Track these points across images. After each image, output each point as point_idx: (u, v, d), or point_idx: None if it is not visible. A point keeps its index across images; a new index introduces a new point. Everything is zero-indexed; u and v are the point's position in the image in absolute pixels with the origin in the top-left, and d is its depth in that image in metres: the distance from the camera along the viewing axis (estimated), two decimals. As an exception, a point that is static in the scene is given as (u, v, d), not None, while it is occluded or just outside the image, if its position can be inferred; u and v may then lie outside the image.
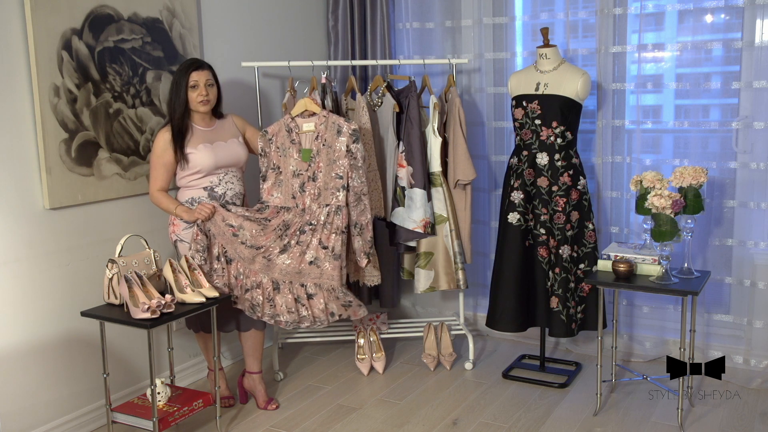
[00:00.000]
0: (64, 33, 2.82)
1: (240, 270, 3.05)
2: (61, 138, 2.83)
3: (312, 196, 3.12)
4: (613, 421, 3.00)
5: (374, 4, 4.05)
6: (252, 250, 3.02)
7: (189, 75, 2.96)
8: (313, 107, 3.17)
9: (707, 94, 3.46)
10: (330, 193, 3.10)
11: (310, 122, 3.18)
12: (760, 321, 3.36)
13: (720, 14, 3.39)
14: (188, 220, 2.99)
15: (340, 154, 3.11)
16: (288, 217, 3.10)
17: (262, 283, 3.04)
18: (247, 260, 3.03)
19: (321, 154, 3.13)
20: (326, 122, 3.14)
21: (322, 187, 3.12)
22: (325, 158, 3.13)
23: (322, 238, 3.06)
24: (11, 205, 2.71)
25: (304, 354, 3.93)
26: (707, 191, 3.18)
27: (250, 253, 3.02)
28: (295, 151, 3.16)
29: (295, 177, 3.15)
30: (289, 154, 3.16)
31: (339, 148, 3.11)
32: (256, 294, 3.05)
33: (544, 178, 3.32)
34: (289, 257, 3.04)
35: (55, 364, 2.90)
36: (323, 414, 3.16)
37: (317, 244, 3.06)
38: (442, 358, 3.66)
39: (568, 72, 3.29)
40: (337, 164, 3.11)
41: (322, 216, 3.08)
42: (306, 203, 3.12)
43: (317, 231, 3.07)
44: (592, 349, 3.73)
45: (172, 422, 2.75)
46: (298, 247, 3.06)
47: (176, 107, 2.97)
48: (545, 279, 3.37)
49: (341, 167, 3.11)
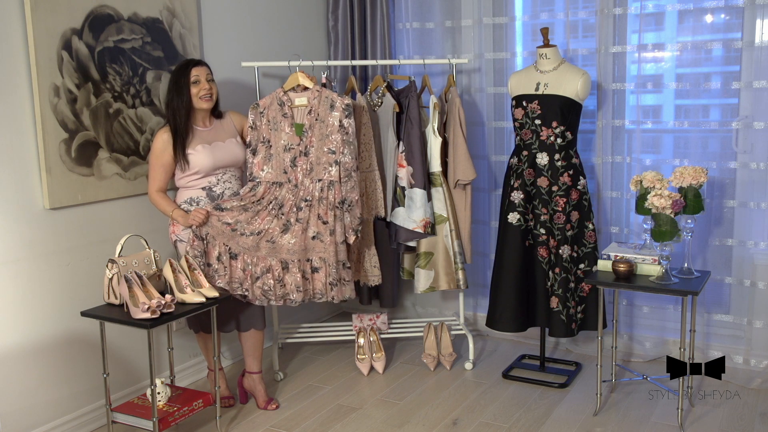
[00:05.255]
0: (64, 33, 2.82)
1: (247, 261, 3.04)
2: (61, 138, 2.83)
3: (304, 171, 3.11)
4: (613, 421, 3.01)
5: (374, 4, 4.05)
6: (254, 237, 3.02)
7: (189, 71, 2.95)
8: (306, 81, 3.15)
9: (707, 94, 3.46)
10: (322, 168, 3.10)
11: (302, 96, 3.16)
12: (760, 321, 3.36)
13: (720, 14, 3.39)
14: (183, 224, 2.99)
15: (332, 129, 3.10)
16: (280, 194, 3.09)
17: (271, 266, 3.04)
18: (252, 249, 3.02)
19: (314, 128, 3.12)
20: (319, 96, 3.13)
21: (314, 161, 3.11)
22: (318, 133, 3.11)
23: (320, 212, 3.08)
24: (11, 205, 2.71)
25: (304, 354, 3.93)
26: (707, 191, 3.18)
27: (252, 241, 3.02)
28: (287, 125, 3.14)
29: (287, 151, 3.13)
30: (281, 128, 3.14)
31: (332, 122, 3.10)
32: (266, 279, 3.05)
33: (544, 178, 3.32)
34: (293, 236, 3.04)
35: (55, 364, 2.90)
36: (323, 414, 3.16)
37: (317, 219, 3.08)
38: (442, 358, 3.66)
39: (568, 72, 3.29)
40: (329, 139, 3.11)
41: (317, 191, 3.09)
42: (299, 178, 3.11)
43: (314, 206, 3.08)
44: (592, 349, 3.73)
45: (172, 422, 2.75)
46: (299, 224, 3.06)
47: (178, 107, 2.95)
48: (545, 279, 3.37)
49: (333, 142, 3.10)
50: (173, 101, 2.96)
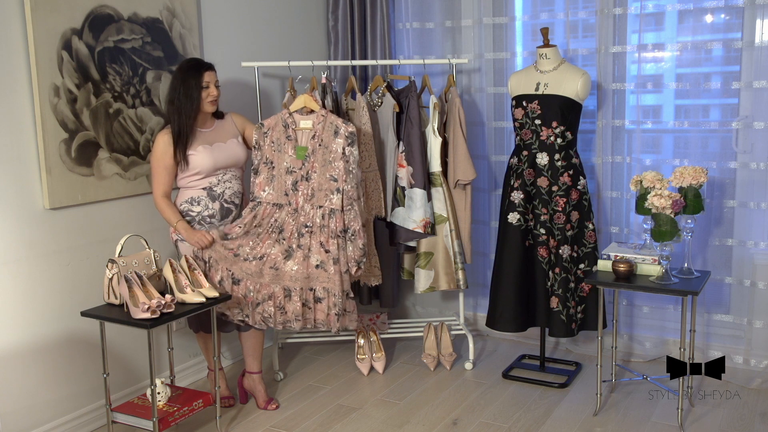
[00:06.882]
0: (64, 33, 2.82)
1: (249, 287, 3.01)
2: (61, 138, 2.83)
3: (305, 196, 3.07)
4: (613, 421, 3.01)
5: (374, 4, 4.05)
6: (256, 262, 2.99)
7: (202, 75, 2.93)
8: (312, 104, 3.13)
9: (707, 94, 3.46)
10: (324, 194, 3.05)
11: (308, 120, 3.12)
12: (760, 321, 3.36)
13: (720, 14, 3.39)
14: (186, 239, 2.97)
15: (335, 156, 3.05)
16: (280, 216, 3.07)
17: (274, 293, 3.00)
18: (255, 275, 2.99)
19: (316, 153, 3.08)
20: (324, 122, 3.09)
21: (316, 188, 3.06)
22: (321, 159, 3.07)
23: (322, 240, 3.03)
24: (11, 205, 2.71)
25: (304, 354, 3.93)
26: (707, 191, 3.18)
27: (255, 267, 2.99)
28: (290, 147, 3.11)
29: (288, 174, 3.10)
30: (284, 150, 3.11)
31: (335, 149, 3.05)
32: (267, 306, 3.02)
33: (544, 178, 3.32)
34: (295, 263, 2.99)
35: (55, 364, 2.90)
36: (323, 414, 3.16)
37: (319, 247, 3.02)
38: (442, 358, 3.66)
39: (568, 72, 3.29)
40: (332, 166, 3.06)
41: (318, 218, 3.04)
42: (299, 203, 3.07)
43: (315, 233, 3.03)
44: (592, 349, 3.73)
45: (172, 422, 2.75)
46: (301, 251, 3.01)
47: (186, 108, 2.92)
48: (545, 279, 3.37)
49: (336, 169, 3.05)
50: (179, 101, 2.92)
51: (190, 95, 2.92)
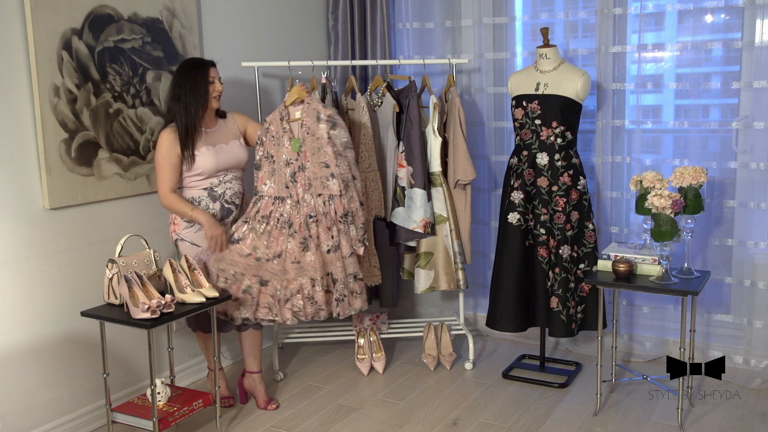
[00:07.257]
0: (64, 33, 2.82)
1: (277, 287, 3.03)
2: (61, 138, 2.83)
3: (304, 187, 3.08)
4: (613, 421, 3.01)
5: (374, 4, 4.05)
6: (278, 261, 3.01)
7: (208, 71, 2.94)
8: (303, 94, 3.12)
9: (707, 94, 3.46)
10: (320, 182, 3.05)
11: (298, 110, 3.13)
12: (760, 321, 3.36)
13: (720, 14, 3.39)
14: (204, 225, 2.94)
15: (322, 142, 3.05)
16: (285, 210, 3.07)
17: (302, 285, 3.02)
18: (280, 273, 3.01)
19: (306, 142, 3.08)
20: (308, 109, 3.09)
21: (311, 177, 3.06)
22: (311, 146, 3.07)
23: (329, 226, 3.06)
24: (11, 205, 2.71)
25: (304, 354, 3.93)
26: (707, 191, 3.18)
27: (278, 265, 3.01)
28: (286, 140, 3.11)
29: (287, 166, 3.10)
30: (282, 143, 3.11)
31: (321, 135, 3.05)
32: (296, 300, 3.03)
33: (544, 178, 3.32)
34: (312, 254, 3.02)
35: (55, 364, 2.90)
36: (323, 414, 3.16)
37: (327, 233, 3.06)
38: (442, 358, 3.66)
39: (568, 72, 3.29)
40: (321, 152, 3.05)
41: (320, 206, 3.06)
42: (299, 194, 3.08)
43: (320, 221, 3.05)
44: (592, 349, 3.73)
45: (172, 422, 2.75)
46: (312, 240, 3.04)
47: (193, 103, 2.91)
48: (545, 279, 3.37)
49: (326, 155, 3.04)
50: (186, 97, 2.91)
51: (197, 90, 2.92)
